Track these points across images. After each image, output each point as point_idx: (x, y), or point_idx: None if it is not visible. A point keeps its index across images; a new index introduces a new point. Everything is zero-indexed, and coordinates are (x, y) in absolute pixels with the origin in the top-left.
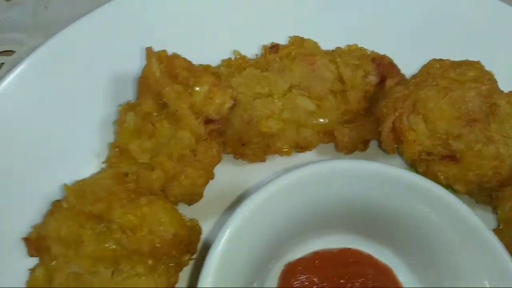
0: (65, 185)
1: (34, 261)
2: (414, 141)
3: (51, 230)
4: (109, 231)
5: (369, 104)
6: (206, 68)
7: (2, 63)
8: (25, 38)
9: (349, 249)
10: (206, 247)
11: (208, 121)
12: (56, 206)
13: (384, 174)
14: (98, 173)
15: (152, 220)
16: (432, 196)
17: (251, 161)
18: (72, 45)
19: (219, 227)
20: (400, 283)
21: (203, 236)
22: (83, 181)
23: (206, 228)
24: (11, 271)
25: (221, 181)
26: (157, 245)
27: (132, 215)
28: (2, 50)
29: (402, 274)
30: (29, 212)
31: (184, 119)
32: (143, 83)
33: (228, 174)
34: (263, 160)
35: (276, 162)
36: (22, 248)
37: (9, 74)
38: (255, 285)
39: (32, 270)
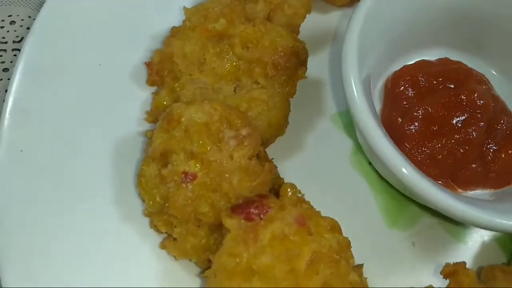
0: (184, 7)
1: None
2: None
3: (175, 49)
4: (231, 47)
5: None
6: None
7: None
8: None
9: (448, 58)
10: None
11: None
12: (176, 30)
13: None
14: None
15: (272, 33)
16: None
17: (340, 4)
18: None
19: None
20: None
21: None
22: (200, 4)
23: None
24: (132, 101)
25: (311, 23)
26: (278, 54)
27: (252, 30)
28: None
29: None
30: (144, 42)
31: None
32: None
33: (317, 18)
34: (350, 4)
35: None
36: (142, 79)
37: None
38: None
39: (156, 93)
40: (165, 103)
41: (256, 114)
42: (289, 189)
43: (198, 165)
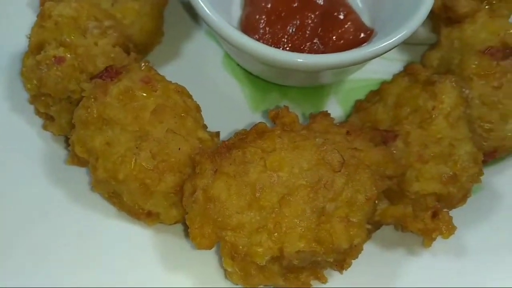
0: None
1: None
2: None
3: None
4: None
5: None
6: None
7: None
8: None
9: None
10: None
11: None
12: None
13: None
14: None
15: None
16: None
17: None
18: None
19: None
20: None
21: None
22: None
23: None
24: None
25: None
26: None
27: None
28: None
29: None
30: None
31: None
32: None
33: None
34: None
35: None
36: None
37: None
38: None
39: None
40: None
41: (130, 22)
42: (142, 64)
43: (67, 51)
